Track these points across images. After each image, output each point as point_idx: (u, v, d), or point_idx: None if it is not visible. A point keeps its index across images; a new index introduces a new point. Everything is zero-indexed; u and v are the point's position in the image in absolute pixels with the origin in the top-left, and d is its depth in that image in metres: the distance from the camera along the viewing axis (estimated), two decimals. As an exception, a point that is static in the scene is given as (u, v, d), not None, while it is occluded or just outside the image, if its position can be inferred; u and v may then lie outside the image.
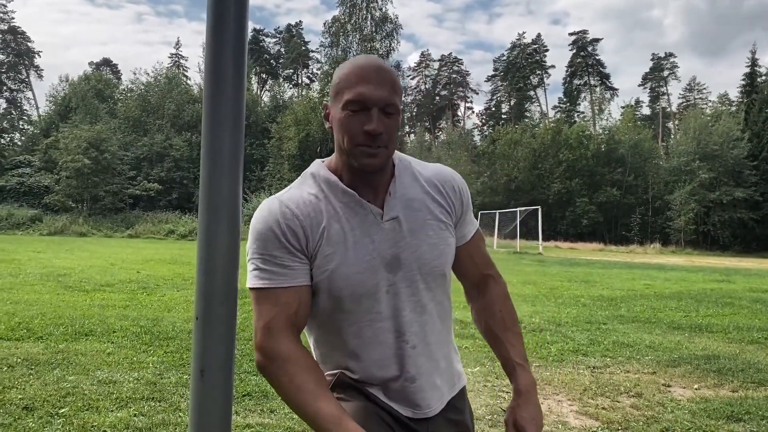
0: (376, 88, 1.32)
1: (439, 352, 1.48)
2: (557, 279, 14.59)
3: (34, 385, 4.13)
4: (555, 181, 47.94)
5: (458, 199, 1.50)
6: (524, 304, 9.51)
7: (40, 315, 6.69)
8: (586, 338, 6.80)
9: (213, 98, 1.25)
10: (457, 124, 73.73)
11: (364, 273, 1.37)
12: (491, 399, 4.33)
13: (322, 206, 1.38)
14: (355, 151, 1.33)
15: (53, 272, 11.32)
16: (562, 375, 5.09)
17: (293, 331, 1.35)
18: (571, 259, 24.85)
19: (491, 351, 5.24)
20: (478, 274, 1.57)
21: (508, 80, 77.52)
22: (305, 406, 1.29)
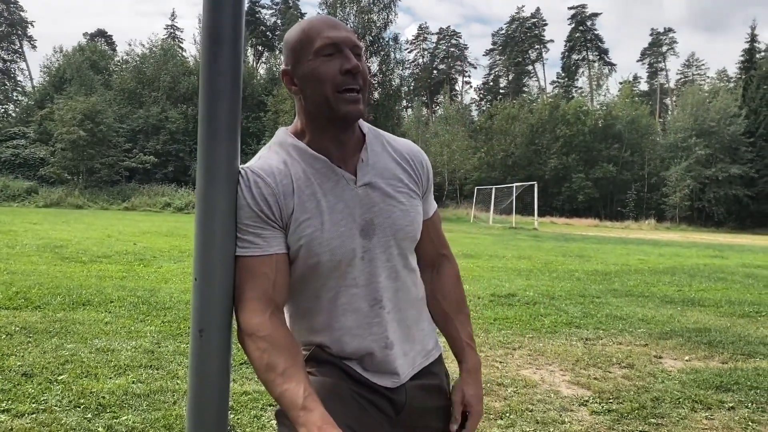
0: (341, 31, 1.34)
1: (412, 319, 1.49)
2: (552, 254, 14.67)
3: (33, 352, 4.18)
4: (552, 156, 47.91)
5: (425, 175, 1.52)
6: (519, 278, 9.58)
7: (37, 285, 6.72)
8: (579, 311, 6.87)
9: (210, 64, 1.26)
10: (455, 99, 73.34)
11: (341, 238, 1.36)
12: (484, 368, 4.38)
13: (292, 173, 1.37)
14: (337, 98, 1.32)
15: (50, 243, 11.33)
16: (555, 346, 5.16)
17: (270, 305, 1.32)
18: (566, 235, 24.96)
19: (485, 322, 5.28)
20: (434, 252, 1.59)
21: (507, 54, 77.01)
22: (273, 385, 1.26)
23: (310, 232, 1.35)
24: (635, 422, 3.46)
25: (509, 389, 3.96)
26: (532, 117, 50.41)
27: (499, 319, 6.19)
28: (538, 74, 78.62)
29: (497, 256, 13.36)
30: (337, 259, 1.37)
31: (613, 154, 47.99)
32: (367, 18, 36.92)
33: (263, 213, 1.32)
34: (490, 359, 4.68)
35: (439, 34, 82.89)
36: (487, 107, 65.26)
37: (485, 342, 5.20)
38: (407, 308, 1.48)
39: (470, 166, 48.47)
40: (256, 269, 1.32)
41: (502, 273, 10.29)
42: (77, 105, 31.41)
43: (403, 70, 42.92)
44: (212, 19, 1.26)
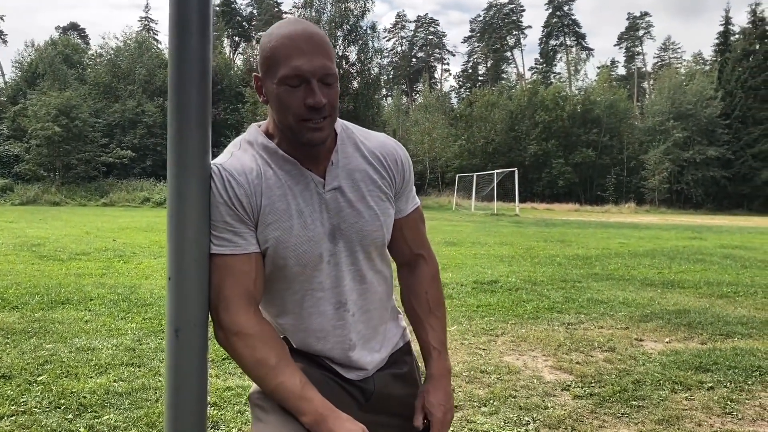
0: (311, 58, 1.26)
1: (378, 317, 1.50)
2: (533, 239, 14.76)
3: (11, 353, 4.11)
4: (531, 143, 48.11)
5: (399, 173, 1.47)
6: (501, 265, 9.63)
7: (14, 285, 6.62)
8: (561, 296, 6.92)
9: (178, 52, 1.23)
10: (435, 87, 73.28)
11: (309, 243, 1.36)
12: (468, 356, 4.41)
13: (263, 173, 1.35)
14: (300, 126, 1.29)
15: (27, 242, 11.16)
16: (538, 332, 5.19)
17: (252, 302, 1.34)
18: (547, 220, 25.13)
19: (468, 310, 5.31)
20: (408, 252, 1.55)
21: (485, 41, 77.10)
22: (267, 379, 1.31)
23: (277, 236, 1.34)
24: (617, 405, 3.50)
25: (492, 376, 3.98)
26: (512, 103, 50.54)
27: (482, 306, 6.22)
28: (517, 61, 79.01)
29: (479, 243, 13.42)
30: (303, 263, 1.37)
31: (592, 138, 48.31)
32: (344, 7, 36.68)
33: (238, 211, 1.31)
34: (474, 346, 4.70)
35: (417, 22, 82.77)
36: (466, 94, 65.29)
37: (468, 329, 5.22)
38: (373, 309, 1.48)
39: (451, 153, 48.54)
40: (235, 267, 1.31)
41: (485, 260, 10.33)
42: (51, 100, 30.88)
43: (381, 59, 42.77)
44: (179, 6, 1.23)
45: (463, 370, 4.09)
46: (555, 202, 43.54)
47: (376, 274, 1.47)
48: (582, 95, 52.48)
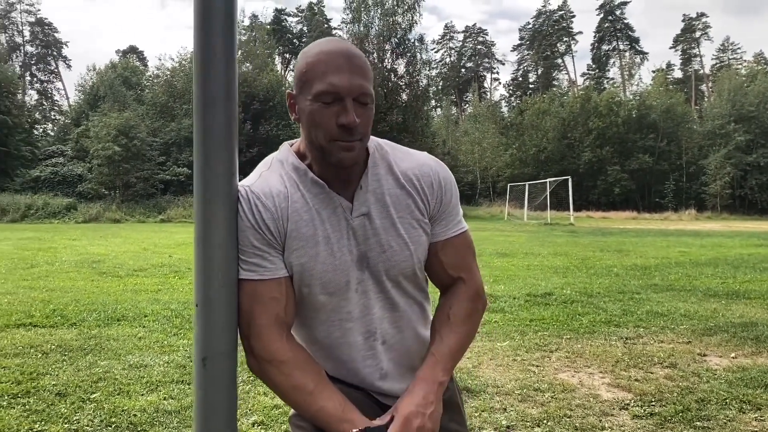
0: (349, 76, 1.21)
1: (415, 344, 1.43)
2: (589, 249, 14.38)
3: (68, 371, 4.20)
4: (585, 150, 47.14)
5: (435, 197, 1.38)
6: (555, 276, 9.39)
7: (74, 302, 6.82)
8: (618, 309, 6.68)
9: (203, 73, 1.20)
10: (484, 96, 72.82)
11: (336, 271, 1.30)
12: (521, 373, 4.27)
13: (290, 195, 1.30)
14: (330, 146, 1.24)
15: (88, 259, 11.53)
16: (594, 347, 5.00)
17: (284, 328, 1.30)
18: (603, 229, 24.50)
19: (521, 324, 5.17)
20: (445, 276, 1.44)
21: (535, 49, 76.21)
22: (307, 405, 1.27)
23: (303, 262, 1.29)
24: (680, 426, 3.31)
25: (546, 394, 3.83)
26: (564, 111, 49.71)
27: (536, 320, 6.05)
28: (568, 67, 77.54)
29: (532, 254, 13.15)
30: (330, 292, 1.32)
31: (648, 144, 46.95)
32: (391, 20, 36.88)
33: (265, 235, 1.27)
34: (527, 363, 4.55)
35: (465, 32, 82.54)
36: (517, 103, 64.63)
37: (521, 345, 5.07)
38: (409, 336, 1.41)
39: (502, 163, 48.03)
40: (265, 293, 1.27)
41: (538, 271, 10.10)
42: (111, 121, 32.03)
43: (430, 71, 42.69)
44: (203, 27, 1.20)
45: (516, 388, 3.96)
46: (611, 210, 42.46)
47: (410, 300, 1.41)
48: (637, 100, 51.21)
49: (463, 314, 1.42)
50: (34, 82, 66.01)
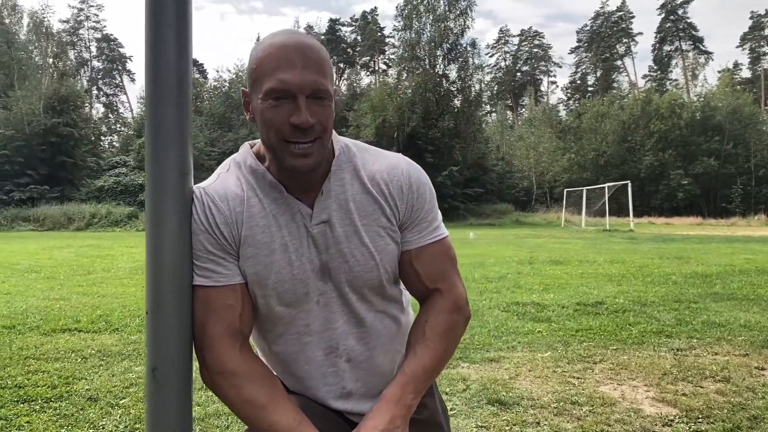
0: (301, 71, 1.11)
1: (387, 361, 1.32)
2: (648, 256, 13.84)
3: (103, 375, 4.26)
4: (646, 153, 45.66)
5: (405, 201, 1.26)
6: (609, 284, 9.04)
7: (121, 307, 6.96)
8: (672, 318, 6.34)
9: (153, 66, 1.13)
10: (541, 100, 71.69)
11: (293, 281, 1.21)
12: (559, 385, 4.07)
13: (247, 200, 1.21)
14: (283, 149, 1.14)
15: (142, 266, 11.78)
16: (641, 358, 4.74)
17: (237, 339, 1.21)
18: (664, 235, 23.61)
19: (566, 334, 4.96)
20: (422, 287, 1.32)
21: (593, 51, 74.60)
22: (259, 421, 1.18)
23: (257, 270, 1.20)
24: (729, 446, 3.07)
25: (584, 408, 3.63)
26: (624, 113, 48.32)
27: (582, 330, 5.80)
28: (628, 69, 75.49)
29: (587, 261, 12.74)
30: (287, 303, 1.22)
31: (714, 147, 45.07)
32: (443, 26, 36.75)
33: (219, 241, 1.18)
34: (567, 375, 4.34)
35: (521, 36, 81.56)
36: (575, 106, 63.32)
37: (563, 356, 4.85)
38: (379, 353, 1.30)
39: (559, 167, 47.03)
40: (218, 301, 1.18)
41: (591, 279, 9.75)
42: (171, 132, 33.06)
43: (483, 75, 42.31)
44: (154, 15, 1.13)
45: (552, 401, 3.76)
46: (675, 216, 40.92)
47: (379, 314, 1.30)
48: (701, 101, 49.31)
49: (440, 329, 1.28)
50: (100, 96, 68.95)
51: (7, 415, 3.43)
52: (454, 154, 35.90)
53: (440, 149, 35.59)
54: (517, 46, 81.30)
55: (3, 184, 33.27)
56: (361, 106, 37.50)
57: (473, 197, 37.78)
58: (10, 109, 36.24)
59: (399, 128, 35.43)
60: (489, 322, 6.16)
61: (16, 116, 35.56)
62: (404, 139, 35.37)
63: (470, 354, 4.90)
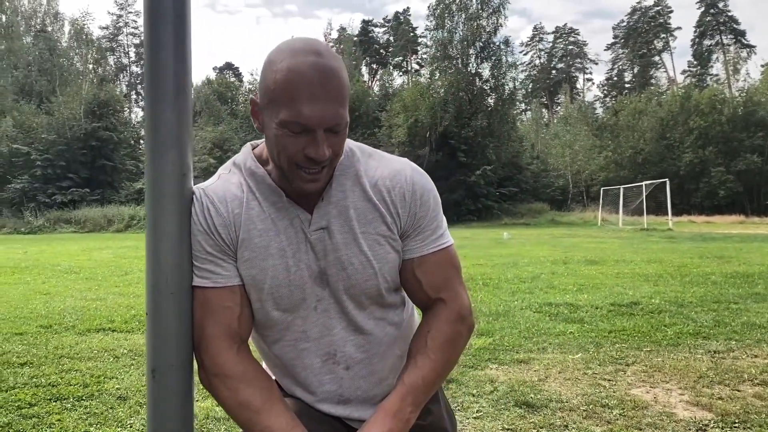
0: (323, 106, 1.06)
1: (388, 369, 1.29)
2: (687, 256, 13.50)
3: (133, 375, 4.32)
4: (686, 150, 44.59)
5: (407, 209, 1.23)
6: (645, 285, 8.84)
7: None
8: (710, 319, 6.16)
9: (152, 66, 1.13)
10: (576, 97, 70.70)
11: (290, 287, 1.19)
12: (589, 388, 3.99)
13: (247, 203, 1.19)
14: (293, 172, 1.12)
15: (177, 267, 12.00)
16: (676, 361, 4.61)
17: (236, 340, 1.20)
18: (705, 234, 23.02)
19: (598, 335, 4.85)
20: (424, 297, 1.28)
21: (630, 47, 73.24)
22: (252, 424, 1.17)
23: (253, 274, 1.18)
24: (766, 452, 2.96)
25: (614, 411, 3.54)
26: (662, 110, 47.28)
27: (615, 332, 5.67)
28: (666, 65, 73.91)
29: (624, 261, 12.49)
30: (283, 308, 1.20)
31: (757, 143, 43.73)
32: (476, 24, 36.51)
33: (218, 242, 1.17)
34: (598, 377, 4.25)
35: (556, 33, 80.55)
36: (611, 103, 62.27)
37: (594, 358, 4.75)
38: (380, 361, 1.28)
39: (596, 166, 46.27)
40: (217, 302, 1.17)
41: (627, 279, 9.55)
42: (207, 135, 33.61)
43: (516, 73, 41.88)
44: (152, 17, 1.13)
45: (582, 403, 3.68)
46: (716, 214, 39.84)
47: (380, 322, 1.27)
48: (744, 96, 47.94)
49: (442, 339, 1.25)
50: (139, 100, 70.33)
51: (40, 413, 3.50)
52: (488, 153, 35.61)
53: (473, 148, 35.35)
54: (551, 44, 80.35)
55: (46, 188, 34.23)
56: (393, 107, 37.48)
57: (507, 196, 37.42)
58: (53, 114, 37.27)
59: (431, 128, 35.30)
60: (520, 323, 6.07)
61: (58, 121, 36.55)
62: (437, 138, 35.23)
63: (499, 355, 4.84)
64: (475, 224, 32.89)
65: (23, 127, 36.45)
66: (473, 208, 34.91)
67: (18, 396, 3.77)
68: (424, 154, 34.31)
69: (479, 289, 8.51)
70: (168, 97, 1.12)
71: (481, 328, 5.81)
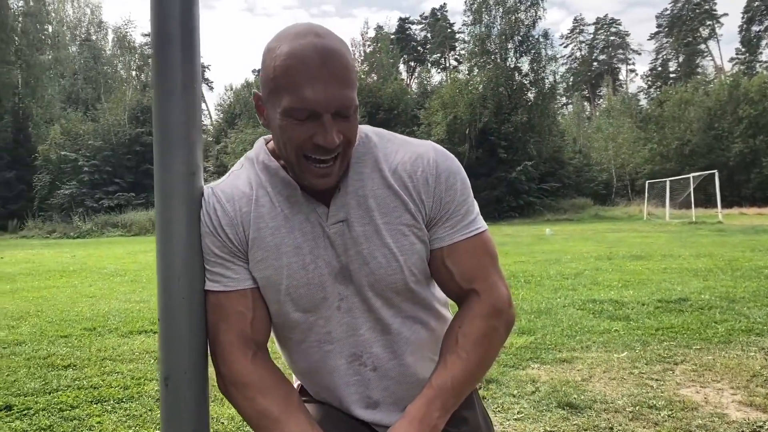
0: (326, 87, 0.99)
1: (418, 370, 1.21)
2: (738, 249, 13.03)
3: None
4: (735, 140, 43.12)
5: (432, 194, 1.14)
6: (694, 280, 8.55)
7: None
8: (763, 315, 5.90)
9: (160, 62, 1.09)
10: (619, 89, 69.21)
11: (309, 286, 1.12)
12: (635, 388, 3.84)
13: (257, 199, 1.13)
14: (303, 166, 1.05)
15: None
16: (727, 359, 4.41)
17: (251, 346, 1.14)
18: (757, 226, 22.19)
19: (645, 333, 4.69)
20: (456, 288, 1.20)
21: (675, 35, 71.32)
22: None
23: (268, 275, 1.12)
24: (827, 457, 2.78)
25: (663, 413, 3.40)
26: (709, 99, 45.83)
27: (663, 329, 5.48)
28: (713, 53, 71.96)
29: (671, 256, 12.12)
30: (303, 309, 1.13)
31: (811, 131, 42.08)
32: (514, 18, 36.03)
33: (226, 244, 1.12)
34: (645, 376, 4.09)
35: (597, 24, 79.01)
36: (656, 94, 60.72)
37: (641, 356, 4.59)
38: (410, 362, 1.20)
39: (640, 158, 45.15)
40: (229, 307, 1.12)
41: (675, 275, 9.25)
42: (246, 137, 34.01)
43: (556, 67, 41.18)
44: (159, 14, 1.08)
45: (627, 404, 3.55)
46: (768, 206, 38.49)
47: (408, 320, 1.19)
48: (796, 82, 46.12)
49: (475, 335, 1.15)
50: (182, 105, 71.94)
51: (80, 416, 3.55)
52: (529, 149, 35.08)
53: (514, 144, 34.89)
54: (592, 35, 78.82)
55: (93, 193, 35.16)
56: (431, 104, 37.26)
57: (550, 192, 36.82)
58: (98, 121, 38.26)
59: (471, 124, 34.97)
60: (562, 321, 5.92)
61: (103, 127, 37.50)
62: (476, 135, 34.89)
63: (541, 354, 4.72)
64: (517, 221, 32.48)
65: (70, 134, 37.49)
66: (515, 205, 34.46)
67: (60, 398, 3.84)
68: (464, 151, 34.02)
69: (521, 286, 8.36)
70: (176, 94, 1.08)
71: (522, 326, 5.69)
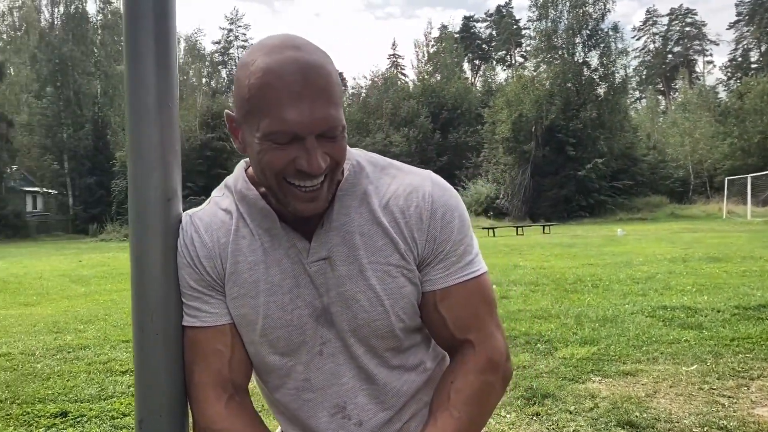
0: (310, 107, 0.88)
1: (413, 426, 1.08)
2: (827, 250, 12.16)
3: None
4: (824, 133, 40.50)
5: (425, 232, 1.01)
6: (777, 284, 8.00)
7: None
8: None
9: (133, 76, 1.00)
10: (696, 82, 66.25)
11: (287, 327, 1.01)
12: (705, 405, 3.56)
13: (237, 230, 1.02)
14: (286, 191, 0.94)
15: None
16: (811, 375, 4.05)
17: (227, 389, 1.04)
18: None
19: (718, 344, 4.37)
20: (449, 337, 1.06)
21: (756, 23, 67.60)
22: None
23: (243, 313, 1.02)
24: None
25: (734, 436, 3.13)
26: (794, 89, 43.21)
27: (738, 339, 5.10)
28: (799, 39, 67.58)
29: (752, 258, 11.42)
30: (281, 352, 1.02)
31: None
32: (581, 11, 35.05)
33: (204, 277, 1.02)
34: (716, 393, 3.80)
35: (671, 15, 75.93)
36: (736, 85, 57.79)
37: (712, 370, 4.27)
38: (398, 414, 1.08)
39: (719, 154, 43.00)
40: (206, 344, 1.03)
41: (755, 279, 8.68)
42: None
43: (628, 60, 39.75)
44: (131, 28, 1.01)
45: (695, 424, 3.29)
46: None
47: (395, 370, 1.07)
48: None
49: (468, 392, 1.03)
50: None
51: (129, 424, 3.58)
52: (599, 146, 34.01)
53: (583, 141, 33.89)
54: (666, 27, 75.81)
55: (167, 197, 36.48)
56: (496, 102, 36.70)
57: (622, 190, 35.59)
58: (172, 127, 39.65)
59: (537, 122, 34.19)
60: (629, 330, 5.62)
61: (176, 134, 38.84)
62: (543, 132, 34.09)
63: (603, 366, 4.47)
64: (587, 221, 31.55)
65: (146, 141, 39.07)
66: (584, 204, 33.50)
67: (114, 405, 3.89)
68: (530, 149, 33.33)
69: (587, 291, 8.03)
70: (150, 113, 0.99)
71: (585, 335, 5.43)
